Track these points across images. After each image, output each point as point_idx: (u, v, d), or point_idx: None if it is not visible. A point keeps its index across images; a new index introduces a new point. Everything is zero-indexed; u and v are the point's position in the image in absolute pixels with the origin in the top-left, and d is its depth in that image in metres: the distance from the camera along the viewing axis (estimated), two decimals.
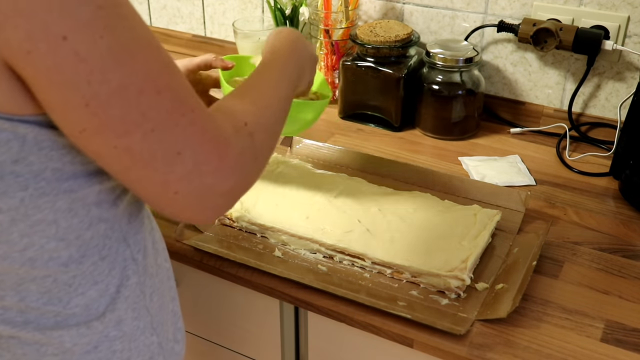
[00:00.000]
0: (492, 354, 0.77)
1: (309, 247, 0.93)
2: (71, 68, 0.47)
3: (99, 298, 0.63)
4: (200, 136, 0.54)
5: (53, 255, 0.58)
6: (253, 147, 0.60)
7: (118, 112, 0.50)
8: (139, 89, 0.50)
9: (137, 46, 0.51)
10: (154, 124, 0.52)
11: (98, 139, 0.51)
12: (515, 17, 1.25)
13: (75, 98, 0.49)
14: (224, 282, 0.93)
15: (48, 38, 0.46)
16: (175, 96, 0.53)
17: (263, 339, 1.00)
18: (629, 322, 0.81)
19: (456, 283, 0.84)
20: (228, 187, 0.57)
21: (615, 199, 1.06)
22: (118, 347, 0.65)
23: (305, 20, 1.36)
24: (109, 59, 0.48)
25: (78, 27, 0.47)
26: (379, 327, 0.81)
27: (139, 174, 0.54)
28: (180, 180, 0.54)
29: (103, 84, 0.49)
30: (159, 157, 0.53)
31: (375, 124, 1.30)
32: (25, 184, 0.54)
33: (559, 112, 1.27)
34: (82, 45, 0.47)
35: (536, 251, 0.89)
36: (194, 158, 0.54)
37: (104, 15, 0.48)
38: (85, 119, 0.50)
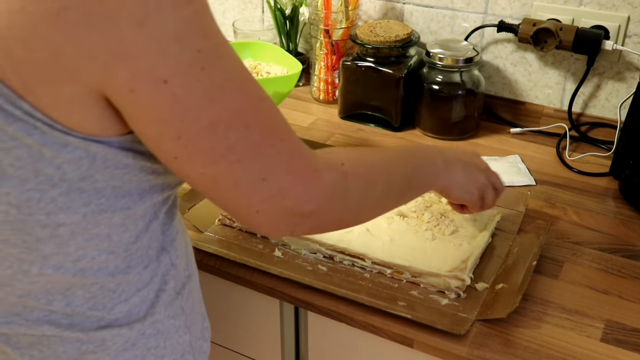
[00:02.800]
0: (492, 354, 0.77)
1: (309, 247, 0.93)
2: (168, 108, 0.50)
3: (141, 303, 0.65)
4: (287, 164, 0.57)
5: (102, 266, 0.61)
6: (345, 187, 0.62)
7: (206, 145, 0.53)
8: (228, 124, 0.53)
9: (230, 85, 0.53)
10: (240, 155, 0.54)
11: (188, 166, 0.55)
12: (515, 17, 1.25)
13: (168, 132, 0.52)
14: (224, 282, 0.93)
15: (151, 80, 0.49)
16: (263, 128, 0.55)
17: (263, 339, 1.00)
18: (629, 322, 0.81)
19: (456, 283, 0.84)
20: (308, 210, 0.59)
21: (615, 199, 1.06)
22: (153, 344, 0.67)
23: (305, 20, 1.37)
24: (203, 99, 0.51)
25: (178, 71, 0.49)
26: (379, 327, 0.81)
27: (223, 195, 0.57)
28: (263, 203, 0.57)
29: (195, 121, 0.52)
30: (244, 183, 0.56)
31: (375, 124, 1.30)
32: (88, 200, 0.56)
33: (559, 112, 1.27)
34: (180, 88, 0.50)
35: (536, 251, 0.89)
36: (278, 184, 0.57)
37: (202, 58, 0.50)
38: (176, 149, 0.53)
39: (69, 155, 0.53)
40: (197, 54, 0.50)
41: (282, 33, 1.40)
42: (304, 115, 1.35)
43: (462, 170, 0.81)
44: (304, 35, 1.46)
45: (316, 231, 0.64)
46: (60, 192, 0.54)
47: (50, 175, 0.53)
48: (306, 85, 1.47)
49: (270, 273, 0.88)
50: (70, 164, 0.53)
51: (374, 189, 0.67)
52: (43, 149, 0.52)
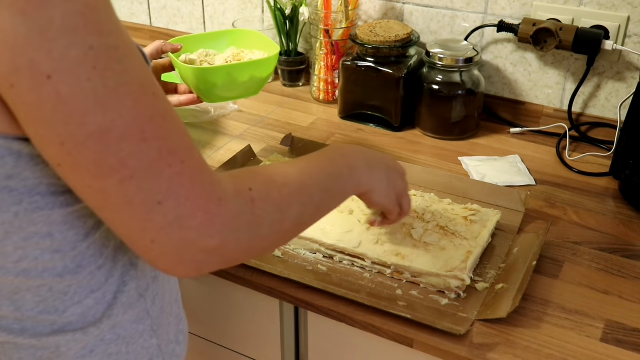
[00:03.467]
0: (492, 354, 0.77)
1: (309, 247, 0.93)
2: (50, 107, 0.46)
3: (96, 305, 0.62)
4: (187, 189, 0.52)
5: (48, 267, 0.58)
6: (252, 214, 0.57)
7: (94, 155, 0.48)
8: (121, 134, 0.48)
9: (128, 91, 0.49)
10: (133, 171, 0.50)
11: (73, 176, 0.51)
12: (515, 17, 1.25)
13: (50, 136, 0.48)
14: (224, 282, 0.93)
15: (32, 75, 0.46)
16: (164, 145, 0.51)
17: (263, 339, 1.00)
18: (629, 322, 0.81)
19: (456, 283, 0.84)
20: (212, 245, 0.54)
21: (615, 199, 1.06)
22: (114, 350, 0.64)
23: (305, 20, 1.37)
24: (92, 102, 0.47)
25: (65, 67, 0.46)
26: (379, 327, 0.81)
27: (114, 215, 0.52)
28: (159, 230, 0.52)
29: (81, 127, 0.47)
30: (137, 204, 0.51)
31: (375, 124, 1.30)
32: (19, 199, 0.53)
33: (559, 112, 1.27)
34: (66, 86, 0.46)
35: (536, 251, 0.89)
36: (176, 210, 0.51)
37: (95, 56, 0.47)
38: (60, 156, 0.49)
39: None
40: (88, 51, 0.46)
41: (282, 33, 1.40)
42: (304, 115, 1.35)
43: (384, 174, 0.78)
44: (304, 35, 1.46)
45: (227, 264, 0.58)
46: None
47: None
48: (306, 85, 1.47)
49: (270, 273, 0.88)
50: None
51: (288, 211, 0.61)
52: None
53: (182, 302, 0.77)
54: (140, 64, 0.51)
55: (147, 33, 1.69)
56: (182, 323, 0.75)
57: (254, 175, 0.60)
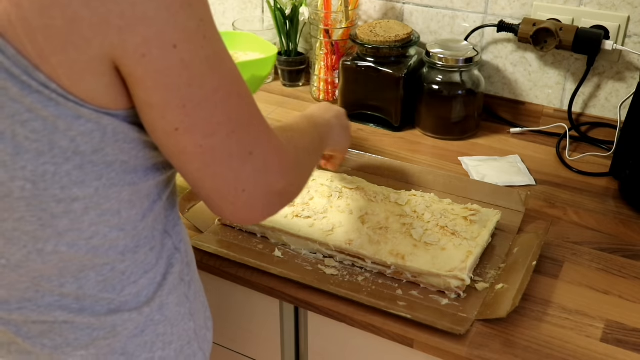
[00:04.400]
0: (492, 354, 0.77)
1: (309, 247, 0.93)
2: (177, 73, 0.53)
3: (149, 286, 0.66)
4: (267, 137, 0.61)
5: (113, 245, 0.61)
6: (300, 158, 0.68)
7: (208, 113, 0.55)
8: (227, 92, 0.56)
9: (225, 55, 0.56)
10: (235, 125, 0.57)
11: (187, 138, 0.56)
12: (515, 17, 1.25)
13: (175, 99, 0.54)
14: (224, 282, 0.93)
15: (162, 45, 0.51)
16: (250, 100, 0.59)
17: (263, 339, 1.00)
18: (629, 322, 0.81)
19: (456, 283, 0.84)
20: (282, 186, 0.62)
21: (615, 199, 1.06)
22: (161, 331, 0.67)
23: (305, 20, 1.37)
24: (206, 66, 0.54)
25: (186, 37, 0.52)
26: (379, 327, 0.81)
27: (215, 171, 0.58)
28: (249, 178, 0.59)
29: (200, 88, 0.54)
30: (235, 156, 0.58)
31: (375, 124, 1.30)
32: (100, 174, 0.57)
33: (559, 112, 1.27)
34: (188, 53, 0.52)
35: (536, 251, 0.89)
36: (263, 157, 0.60)
37: (204, 27, 0.53)
38: (180, 118, 0.55)
39: (82, 128, 0.54)
40: (200, 23, 0.53)
41: (282, 33, 1.40)
42: None
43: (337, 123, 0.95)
44: (304, 35, 1.46)
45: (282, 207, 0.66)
46: (74, 165, 0.55)
47: (64, 148, 0.54)
48: (306, 85, 1.47)
49: (270, 273, 0.88)
50: (84, 137, 0.54)
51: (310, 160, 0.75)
52: (58, 121, 0.53)
53: None
54: None
55: None
56: (208, 311, 0.78)
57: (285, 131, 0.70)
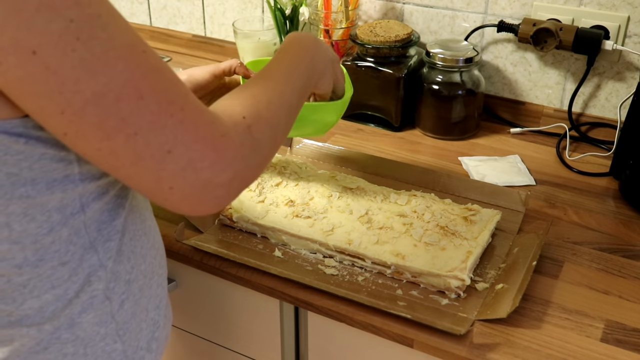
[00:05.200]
0: (492, 354, 0.77)
1: (309, 247, 0.93)
2: (42, 80, 0.48)
3: (55, 301, 0.62)
4: (193, 134, 0.55)
5: (6, 257, 0.58)
6: (252, 139, 0.61)
7: (95, 119, 0.51)
8: (117, 96, 0.51)
9: (116, 55, 0.51)
10: (136, 128, 0.52)
11: (81, 142, 0.53)
12: (515, 17, 1.25)
13: (50, 106, 0.50)
14: (224, 282, 0.93)
15: (17, 52, 0.47)
16: (161, 98, 0.53)
17: (263, 339, 1.00)
18: (629, 322, 0.81)
19: (456, 283, 0.84)
20: (227, 178, 0.57)
21: (615, 199, 1.06)
22: (70, 351, 0.64)
23: (305, 20, 1.37)
24: (81, 70, 0.49)
25: (48, 42, 0.47)
26: (379, 327, 0.81)
27: (128, 172, 0.55)
28: (174, 177, 0.55)
29: (76, 94, 0.49)
30: (147, 157, 0.53)
31: (375, 124, 1.30)
32: None
33: (559, 112, 1.27)
34: (52, 59, 0.48)
35: (536, 251, 0.89)
36: (187, 155, 0.54)
37: (76, 28, 0.48)
38: (63, 124, 0.51)
39: None
40: (69, 24, 0.48)
41: (282, 33, 1.40)
42: None
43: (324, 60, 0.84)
44: None
45: (242, 190, 0.62)
46: None
47: None
48: None
49: (270, 273, 0.88)
50: None
51: (279, 127, 0.67)
52: None
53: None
54: (125, 26, 0.53)
55: (147, 33, 1.69)
56: (159, 330, 0.74)
57: (242, 102, 0.64)
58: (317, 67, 0.81)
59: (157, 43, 1.69)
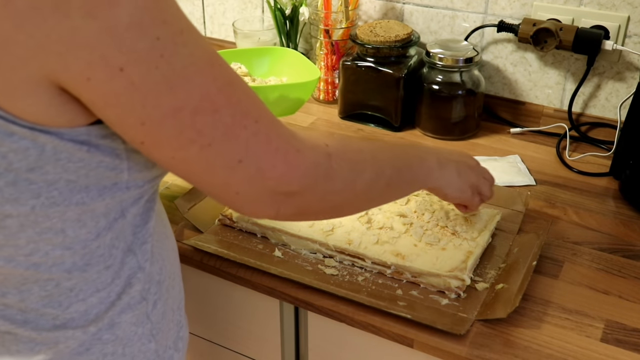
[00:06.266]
0: (492, 354, 0.77)
1: (309, 247, 0.93)
2: (126, 95, 0.50)
3: (99, 304, 0.63)
4: (265, 145, 0.57)
5: (57, 262, 0.59)
6: (329, 167, 0.62)
7: (172, 131, 0.53)
8: (194, 109, 0.52)
9: (194, 70, 0.52)
10: (211, 139, 0.54)
11: (156, 151, 0.55)
12: (515, 17, 1.25)
13: (130, 118, 0.52)
14: (224, 282, 0.93)
15: (106, 69, 0.49)
16: (235, 111, 0.55)
17: (263, 339, 1.00)
18: (629, 322, 0.81)
19: (456, 283, 0.84)
20: (292, 190, 0.59)
21: (615, 199, 1.06)
22: (110, 350, 0.65)
23: (305, 20, 1.37)
24: (163, 86, 0.51)
25: (135, 59, 0.49)
26: (379, 327, 0.81)
27: (199, 179, 0.58)
28: (242, 183, 0.57)
29: (157, 108, 0.51)
30: (219, 166, 0.56)
31: (375, 124, 1.30)
32: (38, 192, 0.54)
33: (559, 112, 1.27)
34: (137, 75, 0.49)
35: (536, 251, 0.89)
36: (256, 165, 0.57)
37: (161, 46, 0.50)
38: (142, 134, 0.53)
39: (14, 145, 0.51)
40: (155, 42, 0.49)
41: (282, 33, 1.40)
42: (304, 115, 1.35)
43: (454, 170, 0.82)
44: (304, 35, 1.46)
45: (302, 214, 0.63)
46: (6, 182, 0.53)
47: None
48: None
49: (270, 273, 0.88)
50: (17, 154, 0.52)
51: (361, 174, 0.66)
52: None
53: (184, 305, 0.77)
54: (203, 40, 0.54)
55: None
56: (183, 330, 0.75)
57: (329, 135, 0.66)
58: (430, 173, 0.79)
59: None
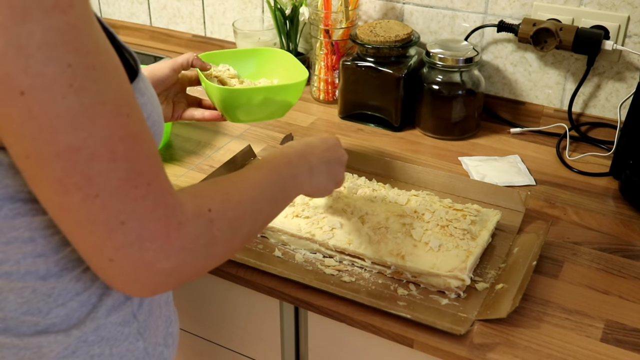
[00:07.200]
0: (492, 354, 0.77)
1: (309, 247, 0.93)
2: (20, 122, 0.46)
3: (80, 308, 0.62)
4: (151, 212, 0.52)
5: (30, 270, 0.58)
6: (210, 235, 0.58)
7: (59, 173, 0.48)
8: (91, 153, 0.48)
9: (102, 111, 0.48)
10: (99, 190, 0.50)
11: (34, 187, 0.51)
12: (515, 17, 1.25)
13: (16, 147, 0.48)
14: (224, 282, 0.93)
15: (5, 89, 0.45)
16: (132, 166, 0.51)
17: (263, 339, 1.00)
18: (629, 322, 0.81)
19: (456, 283, 0.84)
20: (169, 267, 0.54)
21: (615, 199, 1.06)
22: (97, 352, 0.64)
23: (305, 20, 1.37)
24: (65, 120, 0.47)
25: (40, 84, 0.45)
26: (379, 327, 0.82)
27: (73, 230, 0.52)
28: (118, 250, 0.52)
29: (49, 144, 0.47)
30: (99, 222, 0.51)
31: (375, 124, 1.30)
32: (0, 205, 0.54)
33: (559, 112, 1.27)
34: (39, 104, 0.46)
35: (536, 251, 0.89)
36: (138, 231, 0.52)
37: (72, 74, 0.46)
38: (23, 167, 0.49)
39: None
40: (66, 69, 0.46)
41: (282, 33, 1.40)
42: (304, 115, 1.35)
43: (324, 173, 0.81)
44: (304, 35, 1.46)
45: (180, 285, 0.59)
46: None
47: None
48: (306, 85, 1.47)
49: (270, 273, 0.88)
50: None
51: (241, 230, 0.63)
52: None
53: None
54: (118, 84, 0.51)
55: (147, 33, 1.69)
56: (172, 325, 0.75)
57: (213, 194, 0.61)
58: (303, 186, 0.78)
59: (157, 43, 1.69)
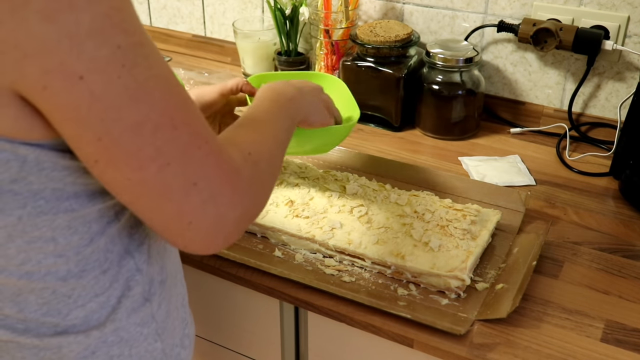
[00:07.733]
0: (492, 354, 0.77)
1: (309, 247, 0.93)
2: (85, 106, 0.48)
3: (100, 309, 0.63)
4: (215, 167, 0.56)
5: (51, 270, 0.59)
6: (259, 175, 0.62)
7: (132, 148, 0.51)
8: (155, 125, 0.51)
9: (155, 84, 0.51)
10: (170, 158, 0.53)
11: (111, 171, 0.52)
12: (515, 17, 1.25)
13: (87, 133, 0.50)
14: (224, 282, 0.93)
15: (64, 77, 0.47)
16: (191, 130, 0.54)
17: (263, 339, 1.00)
18: (629, 322, 0.81)
19: (456, 283, 0.84)
20: (239, 214, 0.58)
21: (615, 199, 1.06)
22: (116, 352, 0.65)
23: (305, 20, 1.37)
24: (125, 97, 0.49)
25: (95, 67, 0.48)
26: (379, 327, 0.82)
27: (152, 204, 0.54)
28: (196, 210, 0.55)
29: (117, 122, 0.50)
30: (175, 189, 0.54)
31: (375, 124, 1.30)
32: (23, 202, 0.54)
33: (559, 112, 1.27)
34: (98, 85, 0.48)
35: (536, 251, 0.89)
36: (209, 188, 0.55)
37: (123, 55, 0.49)
38: (97, 151, 0.51)
39: None
40: (116, 50, 0.48)
41: (282, 33, 1.40)
42: None
43: (309, 95, 0.85)
44: (304, 35, 1.46)
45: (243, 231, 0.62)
46: None
47: None
48: None
49: (270, 273, 0.88)
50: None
51: (276, 163, 0.69)
52: None
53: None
54: (162, 58, 0.54)
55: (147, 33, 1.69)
56: (188, 327, 0.76)
57: (244, 139, 0.65)
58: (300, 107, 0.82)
59: (157, 43, 1.69)
